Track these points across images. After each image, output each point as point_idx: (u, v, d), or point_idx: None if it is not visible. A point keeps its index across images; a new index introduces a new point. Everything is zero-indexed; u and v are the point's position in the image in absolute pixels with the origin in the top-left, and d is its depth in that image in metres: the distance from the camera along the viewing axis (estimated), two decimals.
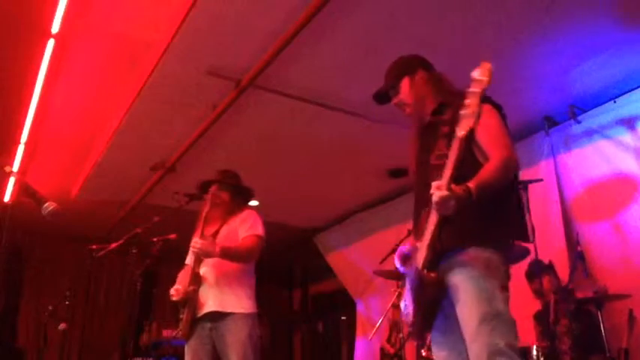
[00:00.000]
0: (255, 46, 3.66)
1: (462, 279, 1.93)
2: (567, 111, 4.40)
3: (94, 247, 3.86)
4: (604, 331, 3.55)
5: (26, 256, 7.55)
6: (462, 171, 1.87)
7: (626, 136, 4.16)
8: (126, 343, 7.40)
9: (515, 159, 1.99)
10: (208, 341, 3.00)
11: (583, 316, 3.79)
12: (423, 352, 3.90)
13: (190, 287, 3.03)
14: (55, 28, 3.50)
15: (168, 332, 5.26)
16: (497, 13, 3.38)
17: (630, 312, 3.69)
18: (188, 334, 3.02)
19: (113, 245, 3.83)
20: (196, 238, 3.02)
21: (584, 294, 3.87)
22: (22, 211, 2.41)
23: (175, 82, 4.05)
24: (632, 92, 4.15)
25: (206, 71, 3.92)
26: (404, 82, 2.28)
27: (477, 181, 1.85)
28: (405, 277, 2.27)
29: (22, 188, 2.24)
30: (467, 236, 1.95)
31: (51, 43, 3.66)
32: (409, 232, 4.45)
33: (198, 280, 3.05)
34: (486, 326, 1.85)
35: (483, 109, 2.02)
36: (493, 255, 1.96)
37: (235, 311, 2.98)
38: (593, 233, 4.24)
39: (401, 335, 4.41)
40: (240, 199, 3.32)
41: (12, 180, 4.94)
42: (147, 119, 4.57)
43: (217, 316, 2.98)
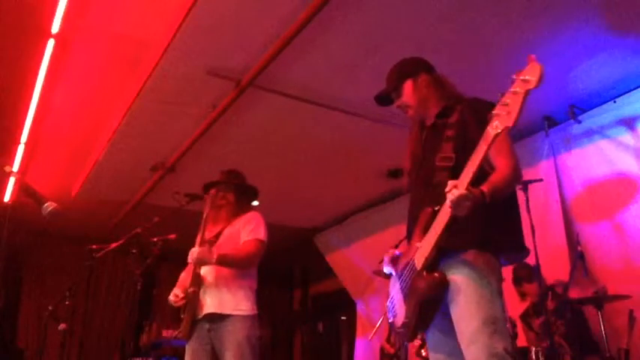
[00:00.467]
0: (255, 46, 3.66)
1: (462, 280, 1.92)
2: (567, 111, 4.40)
3: (94, 247, 3.85)
4: (604, 332, 3.54)
5: (26, 256, 7.56)
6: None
7: (626, 136, 4.16)
8: (126, 343, 7.42)
9: (520, 168, 2.00)
10: (207, 342, 3.00)
11: (571, 316, 3.79)
12: (423, 352, 3.90)
13: (190, 288, 3.03)
14: (55, 28, 3.50)
15: (168, 332, 5.25)
16: (497, 13, 3.38)
17: (630, 312, 3.69)
18: (188, 335, 3.02)
19: (113, 245, 3.82)
20: (193, 249, 3.01)
21: (584, 294, 3.87)
22: (22, 211, 2.42)
23: (175, 82, 4.05)
24: (632, 92, 4.14)
25: (206, 71, 3.92)
26: (406, 85, 2.26)
27: (490, 185, 1.84)
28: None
29: (22, 188, 2.24)
30: (469, 238, 1.94)
31: (51, 43, 3.66)
32: None
33: (198, 281, 3.05)
34: (486, 329, 1.85)
35: (490, 117, 2.04)
36: (492, 259, 1.97)
37: (233, 313, 2.97)
38: (593, 233, 4.24)
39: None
40: (244, 200, 3.32)
41: (12, 180, 4.96)
42: (147, 119, 4.57)
43: (216, 318, 2.98)
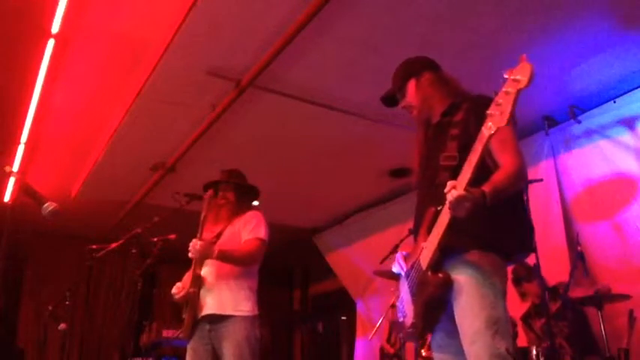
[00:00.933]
0: (255, 46, 3.66)
1: (466, 279, 1.91)
2: (567, 111, 4.40)
3: (94, 247, 3.85)
4: (604, 332, 3.54)
5: (26, 256, 7.56)
6: (472, 176, 1.82)
7: (626, 136, 4.16)
8: (126, 343, 7.42)
9: (525, 166, 1.96)
10: (208, 341, 3.01)
11: (572, 316, 3.78)
12: (423, 352, 3.90)
13: (191, 289, 3.03)
14: (55, 28, 3.50)
15: (168, 332, 5.25)
16: (496, 13, 3.38)
17: (630, 312, 3.68)
18: (189, 335, 3.04)
19: (113, 245, 3.82)
20: (195, 240, 3.02)
21: (585, 293, 3.87)
22: (22, 211, 2.41)
23: (175, 82, 4.05)
24: (632, 92, 4.14)
25: (206, 71, 3.92)
26: (410, 85, 2.25)
27: (492, 185, 1.81)
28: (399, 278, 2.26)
29: (22, 188, 2.24)
30: (472, 239, 1.93)
31: (51, 43, 3.66)
32: (409, 232, 4.46)
33: (198, 281, 3.05)
34: (489, 330, 1.84)
35: None
36: (496, 260, 1.94)
37: (233, 314, 2.97)
38: (593, 233, 4.23)
39: (401, 335, 4.41)
40: (245, 199, 3.32)
41: (12, 180, 4.96)
42: (147, 119, 4.57)
43: (216, 319, 2.98)
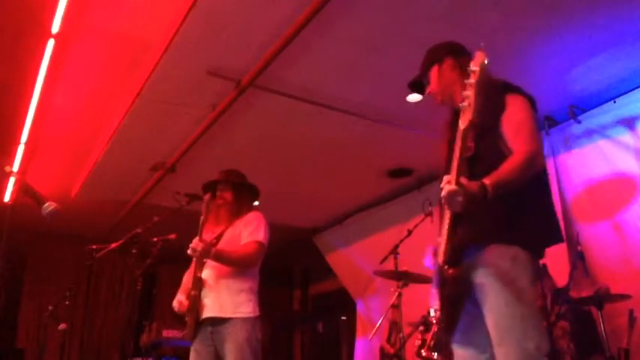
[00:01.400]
0: (255, 46, 3.66)
1: (485, 279, 1.86)
2: (567, 111, 4.40)
3: (94, 247, 3.85)
4: (604, 332, 3.54)
5: (26, 256, 7.55)
6: (488, 165, 1.80)
7: (626, 136, 4.16)
8: (126, 343, 7.42)
9: (538, 152, 1.89)
10: (210, 343, 3.03)
11: (580, 317, 3.79)
12: (423, 352, 3.89)
13: (192, 292, 3.05)
14: (55, 28, 3.49)
15: (168, 332, 5.25)
16: (497, 12, 3.38)
17: (630, 312, 3.68)
18: (192, 337, 3.07)
19: (113, 245, 3.82)
20: (196, 239, 3.02)
21: (585, 293, 3.87)
22: (22, 211, 2.41)
23: (175, 82, 4.05)
24: (632, 92, 4.14)
25: (206, 71, 3.92)
26: (433, 71, 2.21)
27: (494, 177, 1.76)
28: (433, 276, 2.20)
29: (22, 188, 2.24)
30: (485, 233, 1.88)
31: (51, 43, 3.65)
32: (409, 232, 4.47)
33: (199, 284, 3.06)
34: (513, 329, 1.78)
35: (509, 100, 1.95)
36: (519, 252, 1.87)
37: (234, 316, 2.98)
38: (593, 233, 4.23)
39: (401, 335, 4.41)
40: (244, 200, 3.31)
41: (12, 180, 4.96)
42: (147, 119, 4.57)
43: (217, 321, 3.00)
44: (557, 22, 3.47)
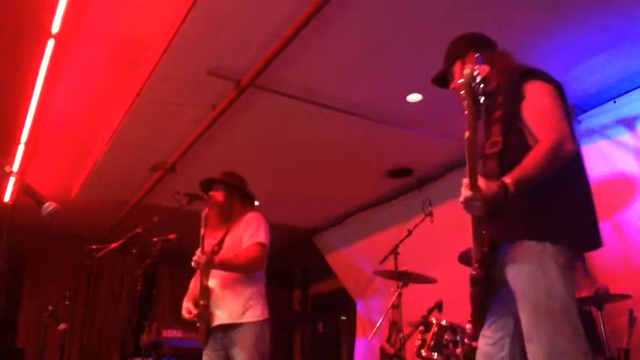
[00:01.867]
0: (255, 46, 3.66)
1: (514, 276, 1.82)
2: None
3: (94, 247, 3.85)
4: (604, 332, 3.54)
5: (26, 256, 7.55)
6: (513, 158, 1.74)
7: (626, 136, 4.16)
8: (126, 343, 7.42)
9: (563, 141, 1.77)
10: (221, 347, 3.08)
11: (581, 317, 3.78)
12: (423, 352, 3.89)
13: (201, 302, 3.09)
14: (55, 28, 3.49)
15: (168, 332, 5.26)
16: (497, 12, 3.38)
17: (630, 312, 3.68)
18: (205, 342, 3.13)
19: (113, 245, 3.81)
20: (198, 252, 3.03)
21: (585, 293, 3.87)
22: (22, 211, 2.41)
23: (175, 82, 4.05)
24: (632, 92, 4.14)
25: (206, 71, 3.92)
26: (456, 67, 2.16)
27: (515, 174, 1.70)
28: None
29: (22, 188, 2.24)
30: (513, 229, 1.83)
31: (51, 43, 3.65)
32: (409, 232, 4.47)
33: (207, 293, 3.10)
34: (544, 327, 1.73)
35: (527, 88, 1.86)
36: (549, 248, 1.79)
37: (243, 321, 3.03)
38: None
39: (401, 335, 4.41)
40: (235, 202, 3.30)
41: (12, 180, 4.96)
42: (147, 119, 4.57)
43: (227, 328, 3.05)
44: (557, 22, 3.47)
